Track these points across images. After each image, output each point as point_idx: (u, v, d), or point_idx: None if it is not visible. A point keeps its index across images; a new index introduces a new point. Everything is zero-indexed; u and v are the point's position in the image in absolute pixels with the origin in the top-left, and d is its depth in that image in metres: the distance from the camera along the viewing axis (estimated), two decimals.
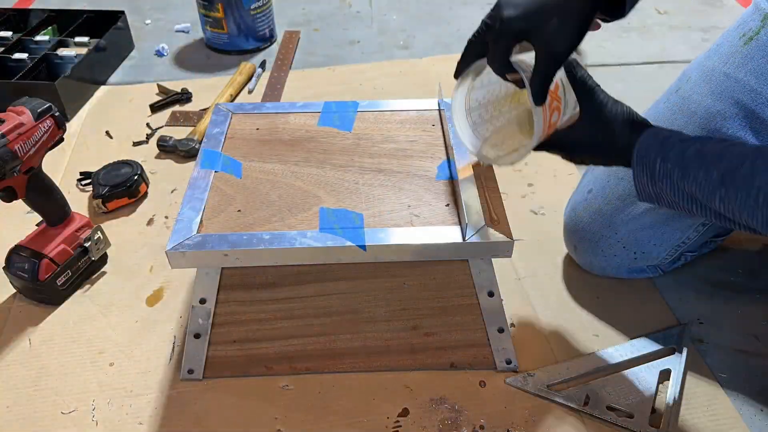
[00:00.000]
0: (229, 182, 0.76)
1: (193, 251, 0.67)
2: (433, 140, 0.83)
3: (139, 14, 1.68)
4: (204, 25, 1.49)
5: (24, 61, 1.32)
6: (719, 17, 1.64)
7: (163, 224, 1.02)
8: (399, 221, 0.71)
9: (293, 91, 1.36)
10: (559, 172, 1.12)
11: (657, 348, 0.81)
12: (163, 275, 0.93)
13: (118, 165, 1.07)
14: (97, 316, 0.87)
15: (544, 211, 1.04)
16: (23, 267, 0.85)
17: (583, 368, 0.79)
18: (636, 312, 0.87)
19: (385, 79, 1.39)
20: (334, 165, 0.79)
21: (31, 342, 0.84)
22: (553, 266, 0.94)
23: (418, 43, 1.54)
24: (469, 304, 0.77)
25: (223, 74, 1.42)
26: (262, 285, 0.77)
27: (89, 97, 1.34)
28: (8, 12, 1.50)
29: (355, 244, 0.68)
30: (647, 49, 1.50)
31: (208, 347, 0.77)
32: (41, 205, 0.85)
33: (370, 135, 0.84)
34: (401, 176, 0.77)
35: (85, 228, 0.90)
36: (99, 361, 0.81)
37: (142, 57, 1.50)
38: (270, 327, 0.78)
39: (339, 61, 1.48)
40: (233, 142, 0.83)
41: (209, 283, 0.75)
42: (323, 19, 1.67)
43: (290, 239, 0.68)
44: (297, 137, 0.84)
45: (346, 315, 0.78)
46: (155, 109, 1.29)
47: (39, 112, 0.79)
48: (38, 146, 0.80)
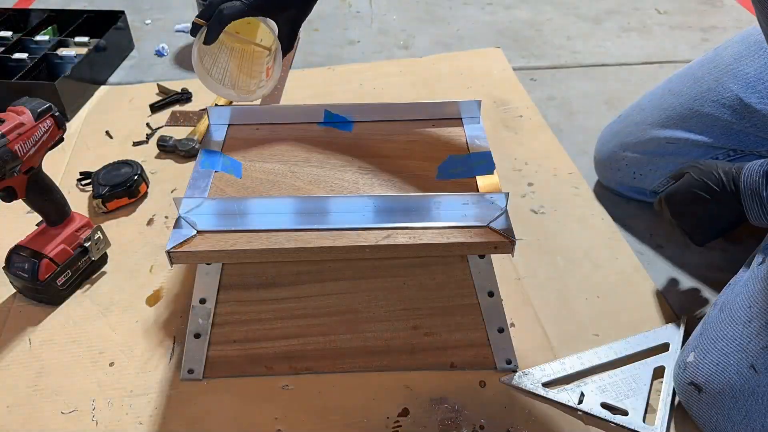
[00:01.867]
0: (229, 182, 0.76)
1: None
2: (433, 140, 0.83)
3: (139, 14, 1.68)
4: None
5: (24, 61, 1.32)
6: (719, 17, 1.64)
7: (163, 224, 1.02)
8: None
9: (293, 90, 1.36)
10: (560, 172, 1.12)
11: (651, 345, 0.81)
12: (163, 275, 0.93)
13: (118, 165, 1.07)
14: (97, 316, 0.87)
15: (544, 210, 1.04)
16: (23, 267, 0.85)
17: (578, 366, 0.79)
18: (636, 311, 0.87)
19: (385, 79, 1.39)
20: (334, 165, 0.79)
21: (31, 342, 0.84)
22: (553, 266, 0.94)
23: (418, 43, 1.54)
24: (469, 304, 0.77)
25: None
26: (262, 285, 0.77)
27: (89, 97, 1.34)
28: (8, 12, 1.50)
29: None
30: (647, 49, 1.50)
31: (208, 347, 0.77)
32: (41, 205, 0.85)
33: (370, 135, 0.84)
34: (402, 176, 0.77)
35: (85, 228, 0.90)
36: (99, 361, 0.81)
37: (142, 57, 1.50)
38: (270, 327, 0.78)
39: (339, 61, 1.48)
40: (233, 142, 0.83)
41: (209, 283, 0.75)
42: (323, 18, 1.67)
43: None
44: (297, 137, 0.84)
45: (346, 315, 0.78)
46: (155, 109, 1.29)
47: (39, 112, 0.79)
48: (38, 146, 0.80)
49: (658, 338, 0.82)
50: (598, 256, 0.96)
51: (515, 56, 1.47)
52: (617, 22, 1.61)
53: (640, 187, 1.01)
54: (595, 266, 0.94)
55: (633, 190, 1.03)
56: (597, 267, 0.94)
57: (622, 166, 1.01)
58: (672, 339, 0.81)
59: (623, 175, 1.02)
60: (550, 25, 1.62)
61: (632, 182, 1.01)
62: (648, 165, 0.98)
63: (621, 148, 1.01)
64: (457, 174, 0.77)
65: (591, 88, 1.36)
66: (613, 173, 1.04)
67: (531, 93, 1.34)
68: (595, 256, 0.96)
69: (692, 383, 0.70)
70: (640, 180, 1.00)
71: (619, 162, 1.02)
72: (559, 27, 1.61)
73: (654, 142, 0.96)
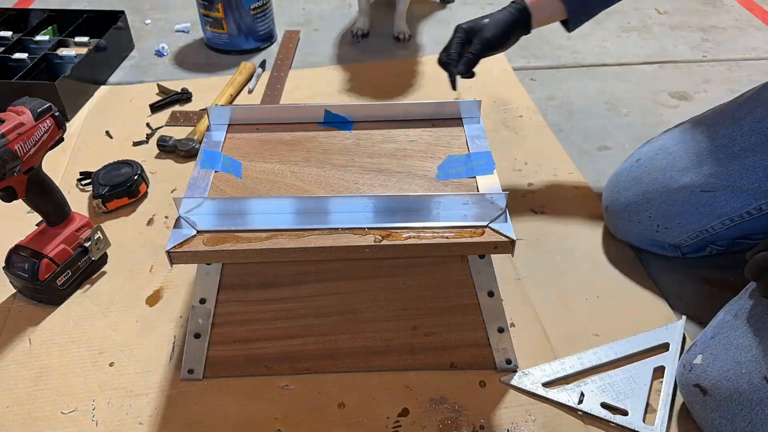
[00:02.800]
0: (229, 182, 0.76)
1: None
2: (433, 140, 0.83)
3: (139, 14, 1.68)
4: (204, 25, 1.49)
5: (24, 61, 1.32)
6: (719, 17, 1.64)
7: (163, 224, 1.02)
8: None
9: (293, 90, 1.36)
10: (559, 171, 1.12)
11: (651, 345, 0.81)
12: (163, 275, 0.93)
13: (118, 165, 1.07)
14: (97, 316, 0.87)
15: (544, 210, 1.04)
16: (23, 267, 0.85)
17: (578, 366, 0.79)
18: (637, 311, 0.87)
19: (385, 79, 1.39)
20: (335, 165, 0.79)
21: (31, 342, 0.84)
22: (553, 266, 0.94)
23: (418, 42, 1.54)
24: (469, 303, 0.77)
25: (223, 74, 1.42)
26: (262, 285, 0.77)
27: (89, 96, 1.34)
28: (8, 12, 1.50)
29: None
30: (647, 49, 1.50)
31: (208, 347, 0.77)
32: (41, 205, 0.85)
33: (370, 135, 0.84)
34: (402, 176, 0.77)
35: (85, 228, 0.90)
36: (99, 361, 0.81)
37: (142, 57, 1.50)
38: (270, 327, 0.78)
39: (339, 61, 1.48)
40: (233, 142, 0.83)
41: (209, 283, 0.75)
42: (323, 18, 1.67)
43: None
44: (297, 137, 0.84)
45: (346, 315, 0.78)
46: (155, 109, 1.29)
47: (39, 112, 0.79)
48: (38, 146, 0.80)
49: (658, 338, 0.82)
50: (598, 256, 0.96)
51: (515, 56, 1.47)
52: (617, 22, 1.61)
53: (660, 240, 0.91)
54: (595, 266, 0.94)
55: (650, 242, 0.92)
56: (597, 267, 0.94)
57: (644, 219, 0.90)
58: (672, 339, 0.81)
59: (644, 228, 0.90)
60: (549, 24, 1.62)
61: (653, 235, 0.90)
62: (676, 218, 0.87)
63: (644, 198, 0.89)
64: (457, 174, 0.77)
65: (591, 88, 1.36)
66: (632, 225, 0.92)
67: (531, 93, 1.34)
68: (595, 256, 0.96)
69: (697, 385, 0.70)
70: (663, 234, 0.89)
71: (641, 214, 0.90)
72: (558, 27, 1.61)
73: (685, 191, 0.85)
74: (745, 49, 1.50)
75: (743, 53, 1.49)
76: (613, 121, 1.25)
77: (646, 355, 0.80)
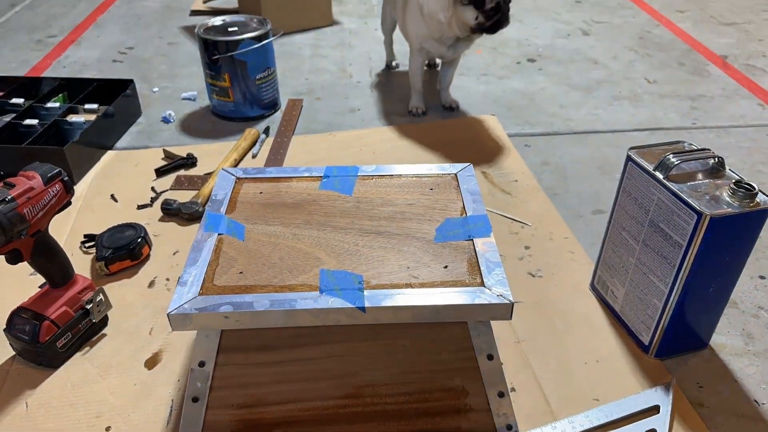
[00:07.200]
0: (232, 245, 0.78)
1: (195, 313, 0.68)
2: (431, 203, 0.85)
3: (147, 82, 1.74)
4: (210, 94, 1.54)
5: (35, 126, 1.37)
6: (706, 86, 1.70)
7: (164, 286, 1.03)
8: (398, 283, 0.72)
9: (295, 155, 1.40)
10: (555, 236, 1.13)
11: (642, 407, 0.81)
12: (163, 338, 0.93)
13: (121, 228, 1.09)
14: (95, 379, 0.87)
15: (541, 273, 1.05)
16: (24, 329, 0.85)
17: (569, 430, 0.78)
18: (635, 374, 0.86)
19: (384, 144, 1.43)
20: (335, 227, 0.81)
21: (27, 405, 0.83)
22: (552, 329, 0.94)
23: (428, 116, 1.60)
24: (469, 367, 0.77)
25: (228, 140, 1.46)
26: (260, 347, 0.77)
27: (96, 161, 1.37)
28: (21, 80, 1.56)
29: (355, 306, 0.68)
30: (638, 117, 1.55)
31: (206, 411, 0.77)
32: (46, 267, 0.86)
33: (370, 198, 0.87)
34: (400, 238, 0.79)
35: (87, 290, 0.91)
36: (96, 425, 0.80)
37: (149, 123, 1.55)
38: (268, 391, 0.77)
39: (340, 128, 1.52)
40: (237, 205, 0.85)
41: (208, 346, 0.75)
42: (325, 88, 1.73)
43: (290, 301, 0.69)
44: (299, 200, 0.86)
45: (345, 378, 0.78)
46: (160, 173, 1.32)
47: (49, 177, 0.82)
48: (46, 210, 0.82)
49: (648, 401, 0.82)
50: (597, 319, 0.96)
51: (510, 123, 1.52)
52: (608, 90, 1.67)
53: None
54: (594, 330, 0.94)
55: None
56: (596, 331, 0.94)
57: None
58: (662, 402, 0.81)
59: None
60: (542, 94, 1.68)
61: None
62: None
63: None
64: (454, 236, 0.79)
65: (584, 153, 1.40)
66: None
67: (526, 158, 1.38)
68: (594, 319, 0.96)
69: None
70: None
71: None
72: (551, 96, 1.67)
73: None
74: (732, 116, 1.55)
75: (731, 120, 1.53)
76: (606, 185, 1.28)
77: (638, 418, 0.80)
